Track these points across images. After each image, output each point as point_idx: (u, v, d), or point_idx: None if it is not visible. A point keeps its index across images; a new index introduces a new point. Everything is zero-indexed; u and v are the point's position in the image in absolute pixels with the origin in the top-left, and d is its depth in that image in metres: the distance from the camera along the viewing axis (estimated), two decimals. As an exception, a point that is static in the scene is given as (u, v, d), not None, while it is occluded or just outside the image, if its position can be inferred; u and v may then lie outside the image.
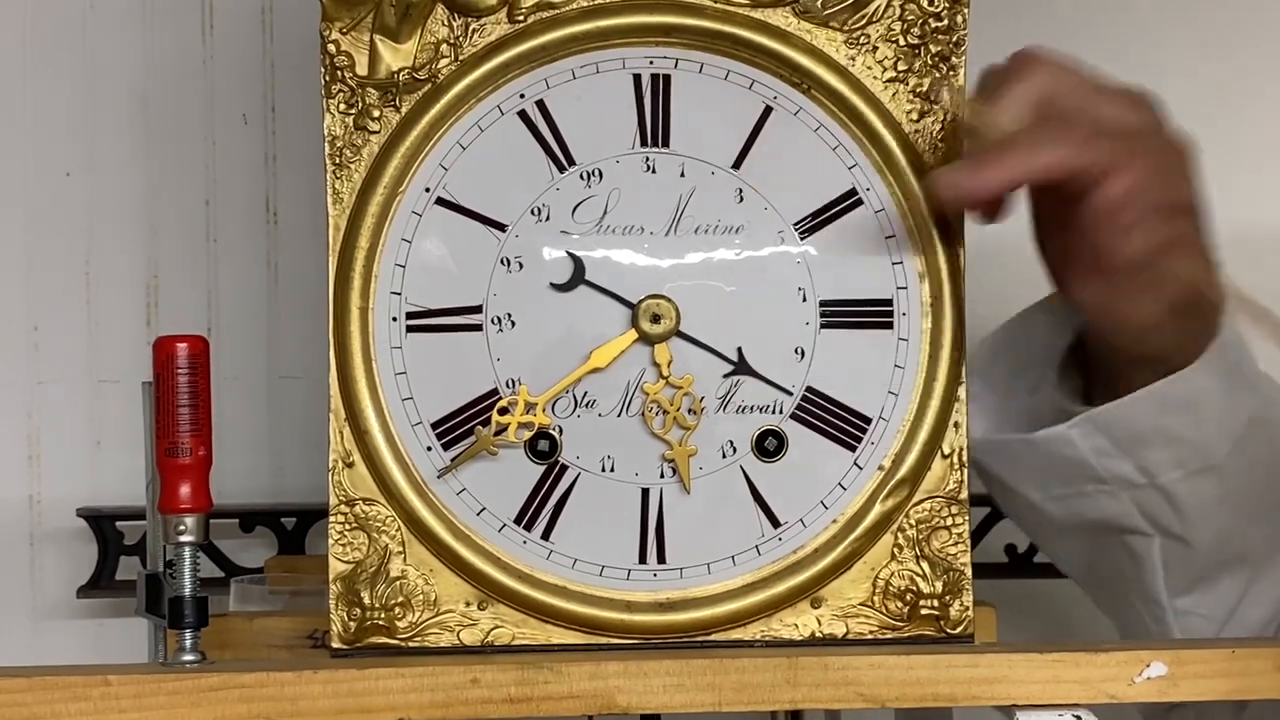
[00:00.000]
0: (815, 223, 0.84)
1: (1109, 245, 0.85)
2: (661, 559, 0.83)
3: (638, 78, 0.84)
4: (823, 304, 0.84)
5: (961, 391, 0.84)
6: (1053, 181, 0.84)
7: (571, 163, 0.84)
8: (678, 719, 0.83)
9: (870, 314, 0.84)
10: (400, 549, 0.83)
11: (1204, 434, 0.93)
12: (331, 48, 0.84)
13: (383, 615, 0.82)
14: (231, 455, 1.30)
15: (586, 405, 0.83)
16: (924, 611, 0.83)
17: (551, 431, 0.83)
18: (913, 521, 0.84)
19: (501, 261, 0.83)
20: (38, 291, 1.33)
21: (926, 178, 0.84)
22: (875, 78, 0.85)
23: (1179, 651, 0.78)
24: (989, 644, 0.85)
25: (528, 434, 0.83)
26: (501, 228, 0.84)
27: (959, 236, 0.85)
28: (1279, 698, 0.78)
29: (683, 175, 0.84)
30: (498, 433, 0.83)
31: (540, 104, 0.84)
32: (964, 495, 0.84)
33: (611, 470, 0.83)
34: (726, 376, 0.84)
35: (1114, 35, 1.34)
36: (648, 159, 0.84)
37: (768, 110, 0.85)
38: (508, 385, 0.83)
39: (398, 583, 0.82)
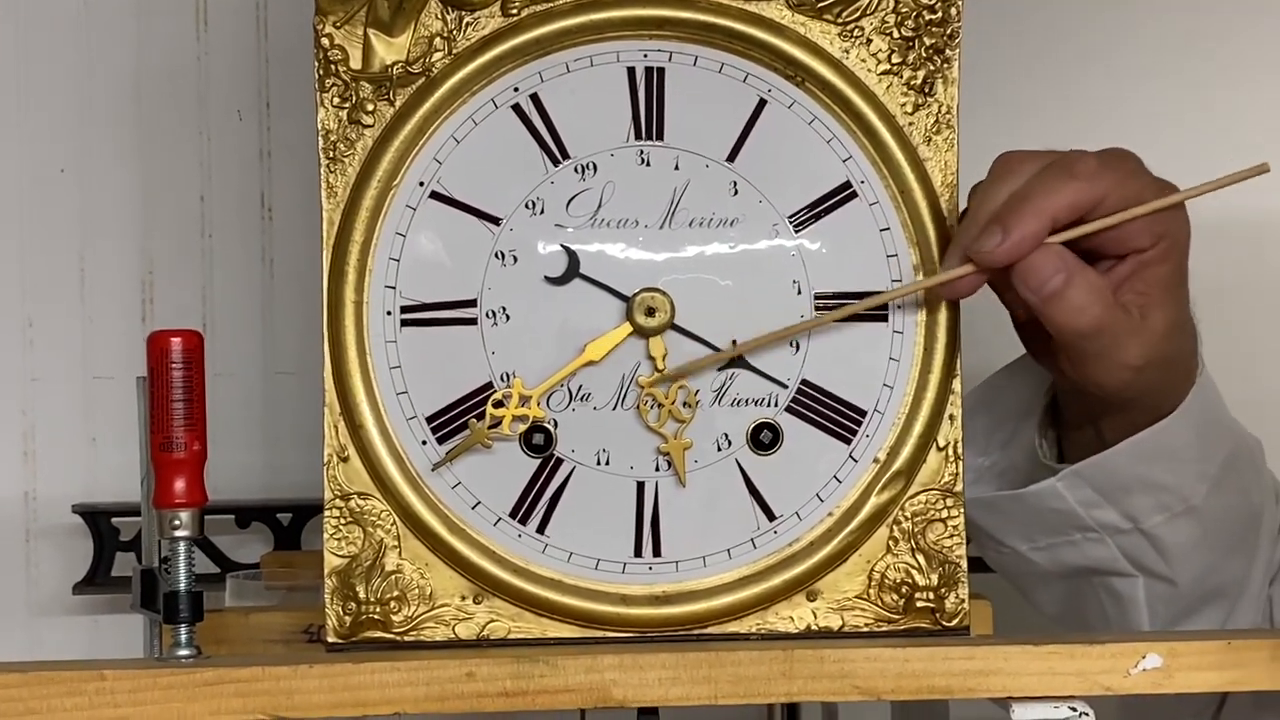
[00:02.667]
0: (810, 216, 0.84)
1: (1057, 320, 0.85)
2: (657, 552, 0.83)
3: (632, 71, 0.84)
4: (817, 297, 0.84)
5: (956, 384, 0.84)
6: (1075, 218, 0.84)
7: (566, 156, 0.84)
8: (674, 713, 0.83)
9: (865, 307, 0.84)
10: (395, 543, 0.83)
11: (1183, 479, 0.95)
12: (325, 42, 0.84)
13: (378, 609, 0.82)
14: (226, 451, 1.30)
15: (581, 398, 0.83)
16: (920, 604, 0.83)
17: (546, 425, 0.83)
18: (908, 514, 0.84)
19: (496, 255, 0.83)
20: (32, 288, 1.33)
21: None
22: (869, 70, 0.85)
23: (1174, 643, 0.78)
24: (985, 636, 0.85)
25: (522, 427, 0.83)
26: (496, 221, 0.84)
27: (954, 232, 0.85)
28: (1274, 689, 0.78)
29: (677, 168, 0.84)
30: (492, 426, 0.83)
31: (534, 97, 0.84)
32: (959, 488, 0.84)
33: (606, 463, 0.83)
34: (721, 369, 0.83)
35: (1107, 27, 1.34)
36: (642, 152, 0.84)
37: (762, 103, 0.85)
38: (502, 379, 0.83)
39: (393, 577, 0.82)
